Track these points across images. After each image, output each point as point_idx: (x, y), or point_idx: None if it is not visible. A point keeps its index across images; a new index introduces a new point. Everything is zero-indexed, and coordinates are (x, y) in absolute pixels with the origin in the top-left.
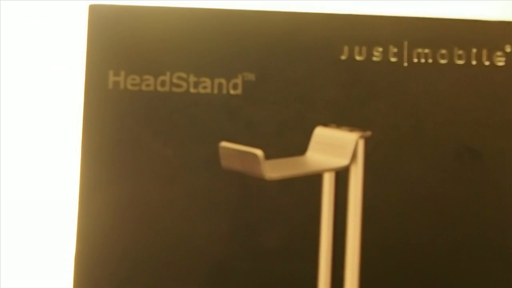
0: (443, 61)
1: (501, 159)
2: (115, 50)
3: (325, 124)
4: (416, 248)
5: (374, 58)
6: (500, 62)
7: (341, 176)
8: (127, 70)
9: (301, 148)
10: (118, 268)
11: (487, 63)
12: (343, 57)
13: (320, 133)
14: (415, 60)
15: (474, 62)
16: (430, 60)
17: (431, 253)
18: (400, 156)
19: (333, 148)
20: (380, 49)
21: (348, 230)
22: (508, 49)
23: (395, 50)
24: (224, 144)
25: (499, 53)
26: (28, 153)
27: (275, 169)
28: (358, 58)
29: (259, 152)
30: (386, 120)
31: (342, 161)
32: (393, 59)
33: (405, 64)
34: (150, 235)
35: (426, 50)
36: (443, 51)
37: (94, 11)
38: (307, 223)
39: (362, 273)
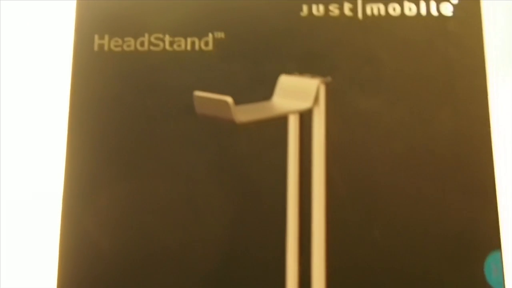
0: (394, 14)
1: (457, 102)
2: (99, 17)
3: (289, 72)
4: (381, 183)
5: (331, 14)
6: (448, 12)
7: (306, 120)
8: (110, 33)
9: (267, 96)
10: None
11: (435, 14)
12: (302, 14)
13: (284, 80)
14: (369, 14)
15: (423, 14)
16: (382, 13)
17: (396, 188)
18: (361, 98)
19: (297, 93)
20: (336, 5)
21: (314, 169)
22: (454, 1)
23: (350, 6)
24: (198, 93)
25: (446, 5)
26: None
27: (244, 114)
28: (316, 14)
29: (229, 99)
30: (346, 68)
31: (305, 104)
32: (348, 14)
33: (360, 17)
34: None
35: (379, 5)
36: (394, 5)
37: None
38: (277, 164)
39: (329, 207)
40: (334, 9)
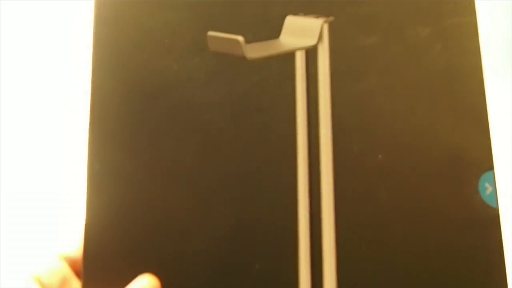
0: None
1: (448, 38)
2: None
3: (295, 13)
4: (381, 112)
5: None
6: None
7: (311, 56)
8: None
9: (275, 36)
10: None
11: None
12: None
13: (291, 20)
14: None
15: None
16: None
17: (395, 116)
18: (361, 35)
19: (303, 32)
20: None
21: (320, 99)
22: None
23: None
24: (211, 33)
25: None
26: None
27: (255, 51)
28: None
29: (240, 38)
30: (346, 8)
31: (311, 41)
32: None
33: None
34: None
35: None
36: None
37: None
38: (287, 96)
39: (335, 134)
40: None
